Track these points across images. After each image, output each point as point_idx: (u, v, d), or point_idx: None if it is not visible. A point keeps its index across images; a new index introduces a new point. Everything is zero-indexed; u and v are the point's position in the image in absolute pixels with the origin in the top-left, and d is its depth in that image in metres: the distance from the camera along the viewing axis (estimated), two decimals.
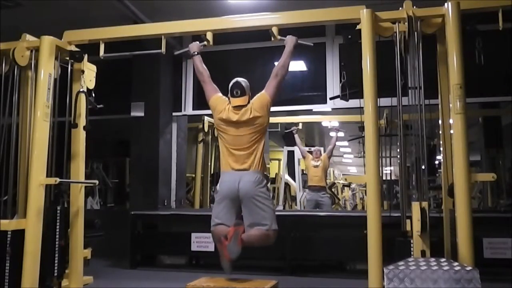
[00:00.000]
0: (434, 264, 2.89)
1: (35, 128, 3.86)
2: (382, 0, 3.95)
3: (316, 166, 8.18)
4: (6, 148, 4.11)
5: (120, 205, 9.37)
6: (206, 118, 7.93)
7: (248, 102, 3.72)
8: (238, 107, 3.70)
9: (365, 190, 4.74)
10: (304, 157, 8.50)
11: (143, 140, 6.44)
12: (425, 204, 3.30)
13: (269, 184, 3.90)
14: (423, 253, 3.28)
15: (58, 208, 3.98)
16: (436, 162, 8.06)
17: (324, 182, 8.28)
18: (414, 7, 3.54)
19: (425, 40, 3.55)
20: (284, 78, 3.75)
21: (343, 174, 19.18)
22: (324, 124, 10.10)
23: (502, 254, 4.73)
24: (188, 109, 6.78)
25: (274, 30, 3.85)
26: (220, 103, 3.79)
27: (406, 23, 3.50)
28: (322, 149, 8.60)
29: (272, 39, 3.90)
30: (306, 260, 5.40)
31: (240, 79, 3.77)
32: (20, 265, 3.64)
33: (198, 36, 4.09)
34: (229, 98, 3.76)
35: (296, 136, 8.48)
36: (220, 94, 3.85)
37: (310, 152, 8.44)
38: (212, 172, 8.46)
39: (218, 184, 3.79)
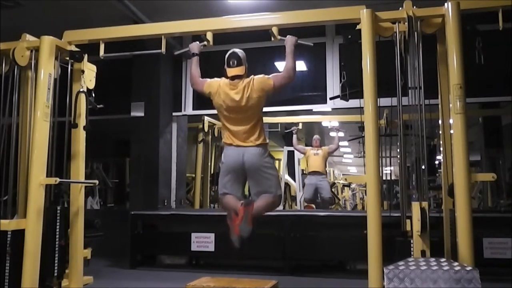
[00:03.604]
0: (434, 264, 2.89)
1: (35, 128, 3.86)
2: (382, 0, 3.95)
3: (316, 154, 8.27)
4: (6, 148, 4.11)
5: (120, 205, 9.36)
6: (206, 118, 7.93)
7: (245, 72, 3.73)
8: (235, 79, 3.70)
9: (365, 190, 4.73)
10: (304, 153, 8.54)
11: (143, 140, 6.43)
12: (425, 204, 3.30)
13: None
14: (423, 253, 3.28)
15: (58, 208, 3.98)
16: (436, 162, 8.07)
17: (323, 169, 8.39)
18: (414, 7, 3.54)
19: (425, 40, 3.55)
20: (293, 80, 3.74)
21: (343, 174, 19.17)
22: (324, 124, 10.10)
23: (502, 254, 4.72)
24: (188, 109, 6.79)
25: (274, 30, 3.85)
26: (213, 84, 3.79)
27: (406, 23, 3.50)
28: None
29: (272, 39, 3.89)
30: (306, 260, 5.41)
31: (236, 50, 3.77)
32: (20, 265, 3.64)
33: (198, 36, 4.09)
34: (225, 70, 3.76)
35: (294, 136, 8.50)
36: (209, 80, 3.84)
37: None
38: (212, 172, 8.46)
39: (222, 156, 3.85)
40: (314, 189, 8.19)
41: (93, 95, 4.42)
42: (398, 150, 3.97)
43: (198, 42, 3.99)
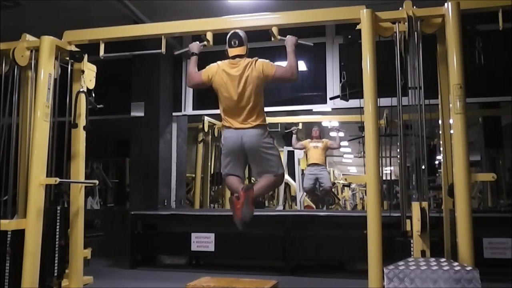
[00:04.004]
0: (434, 264, 2.89)
1: (35, 128, 3.86)
2: (382, 0, 3.95)
3: (316, 147, 8.30)
4: (6, 148, 4.11)
5: (120, 205, 9.36)
6: (206, 118, 7.93)
7: (246, 53, 3.75)
8: (236, 58, 3.72)
9: (365, 190, 4.73)
10: (304, 148, 8.54)
11: (143, 140, 6.43)
12: (425, 204, 3.30)
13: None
14: (423, 253, 3.28)
15: (58, 208, 3.98)
16: (436, 162, 8.07)
17: (323, 161, 8.44)
18: (414, 7, 3.54)
19: (425, 40, 3.55)
20: (296, 78, 3.73)
21: (343, 174, 19.17)
22: (324, 124, 10.10)
23: (502, 254, 4.72)
24: (188, 109, 6.79)
25: (274, 30, 3.85)
26: (210, 68, 3.80)
27: (406, 23, 3.50)
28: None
29: (272, 39, 3.90)
30: (306, 260, 5.41)
31: (237, 30, 3.79)
32: (20, 265, 3.64)
33: (198, 36, 4.09)
34: (226, 51, 3.78)
35: (293, 136, 8.50)
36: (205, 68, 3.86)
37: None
38: (212, 172, 8.46)
39: (222, 138, 3.87)
40: (314, 179, 8.21)
41: (93, 95, 4.41)
42: (398, 150, 3.97)
43: (198, 42, 3.99)
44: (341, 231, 5.22)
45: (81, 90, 4.25)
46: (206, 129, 8.04)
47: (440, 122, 3.79)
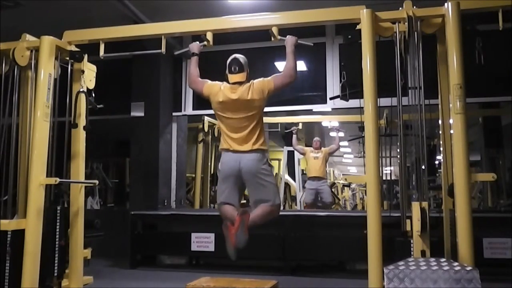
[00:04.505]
0: (434, 264, 2.89)
1: (35, 128, 3.86)
2: (382, 0, 3.95)
3: (316, 158, 8.28)
4: (6, 148, 4.11)
5: (120, 205, 9.36)
6: (206, 118, 7.93)
7: (246, 78, 3.74)
8: (236, 84, 3.71)
9: (365, 190, 4.73)
10: (303, 153, 8.55)
11: (143, 140, 6.44)
12: (425, 204, 3.30)
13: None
14: (423, 253, 3.28)
15: (58, 208, 3.98)
16: (436, 162, 8.07)
17: (324, 173, 8.45)
18: (414, 7, 3.54)
19: (425, 40, 3.55)
20: (294, 79, 3.73)
21: (343, 174, 19.18)
22: (324, 124, 10.10)
23: (502, 254, 4.73)
24: (188, 109, 6.79)
25: (274, 30, 3.85)
26: (214, 86, 3.79)
27: (406, 23, 3.50)
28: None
29: (272, 39, 3.90)
30: (306, 260, 5.41)
31: (238, 55, 3.78)
32: (20, 265, 3.64)
33: (198, 36, 4.09)
34: (226, 76, 3.77)
35: (294, 136, 8.50)
36: (210, 81, 3.85)
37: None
38: (212, 172, 8.46)
39: (219, 163, 3.84)
40: (315, 194, 8.23)
41: (93, 95, 4.41)
42: (398, 150, 3.97)
43: (198, 42, 3.99)
44: (341, 231, 5.22)
45: (81, 90, 4.24)
46: (206, 129, 8.04)
47: (440, 122, 3.79)
